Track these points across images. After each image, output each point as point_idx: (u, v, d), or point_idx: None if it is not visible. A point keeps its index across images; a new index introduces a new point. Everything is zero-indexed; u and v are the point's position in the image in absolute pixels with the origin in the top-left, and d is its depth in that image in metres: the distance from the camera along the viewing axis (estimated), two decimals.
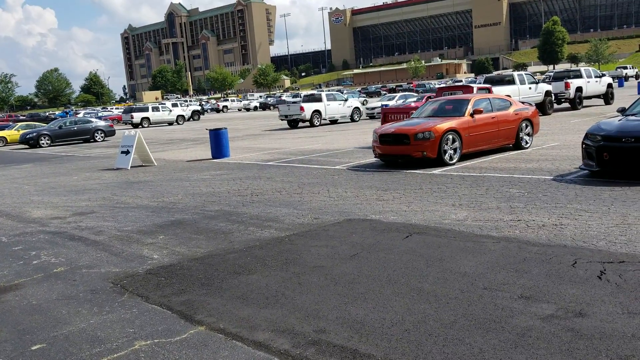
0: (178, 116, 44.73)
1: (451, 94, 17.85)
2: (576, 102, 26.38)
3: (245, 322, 4.35)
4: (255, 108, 70.83)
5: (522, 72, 26.04)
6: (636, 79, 61.69)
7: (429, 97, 24.35)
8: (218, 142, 17.16)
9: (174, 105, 49.69)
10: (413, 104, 21.40)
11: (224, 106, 73.70)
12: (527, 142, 13.75)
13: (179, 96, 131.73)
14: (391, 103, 32.97)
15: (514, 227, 6.65)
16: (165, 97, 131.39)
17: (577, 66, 73.00)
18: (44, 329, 4.53)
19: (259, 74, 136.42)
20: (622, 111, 10.76)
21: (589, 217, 6.85)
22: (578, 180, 9.28)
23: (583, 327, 3.85)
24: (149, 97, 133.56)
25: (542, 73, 66.98)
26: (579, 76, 27.26)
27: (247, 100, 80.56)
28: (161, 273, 5.81)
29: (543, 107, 23.98)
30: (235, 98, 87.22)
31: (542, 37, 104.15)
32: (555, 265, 5.15)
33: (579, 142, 10.14)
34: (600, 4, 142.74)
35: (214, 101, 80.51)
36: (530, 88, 23.89)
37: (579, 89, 26.47)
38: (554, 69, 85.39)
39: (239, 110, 73.25)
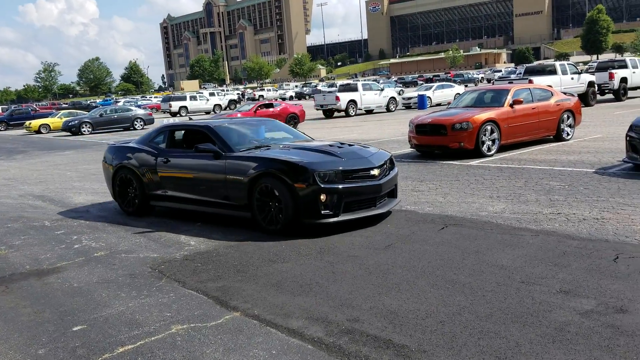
0: (215, 105, 45.16)
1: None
2: (620, 93, 25.57)
3: (279, 309, 4.39)
4: (291, 97, 70.98)
5: (564, 62, 25.33)
6: None
7: (260, 107, 25.19)
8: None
9: (211, 94, 50.13)
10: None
11: (260, 96, 74.10)
12: (568, 134, 13.41)
13: (215, 85, 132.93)
14: (428, 93, 32.61)
15: (554, 220, 6.50)
16: (202, 86, 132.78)
17: (622, 56, 70.67)
18: (84, 310, 4.66)
19: (295, 63, 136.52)
20: None
21: (632, 211, 6.64)
22: (621, 173, 9.00)
23: (624, 323, 3.75)
24: (187, 86, 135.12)
25: (585, 63, 65.12)
26: (624, 66, 26.38)
27: (283, 89, 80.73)
28: (197, 259, 5.90)
29: (586, 98, 23.32)
30: (271, 87, 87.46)
31: (585, 26, 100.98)
32: (596, 260, 5.02)
33: (623, 134, 9.83)
34: None
35: (250, 91, 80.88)
36: (572, 78, 23.25)
37: (623, 80, 25.63)
38: (597, 58, 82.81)
39: (275, 99, 73.56)
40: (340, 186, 6.38)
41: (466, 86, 48.22)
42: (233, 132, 7.73)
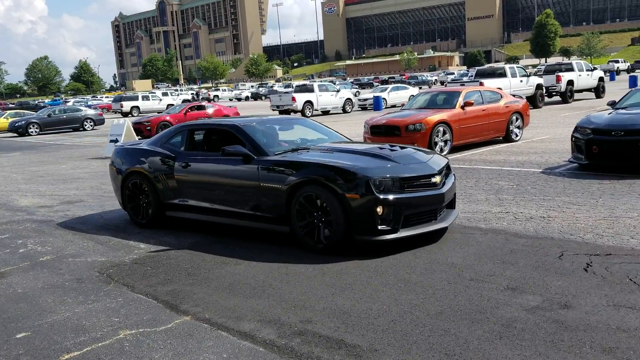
0: (168, 105, 44.43)
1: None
2: (567, 95, 26.45)
3: (231, 312, 4.34)
4: (247, 98, 70.55)
5: (514, 65, 26.03)
6: (628, 72, 61.96)
7: (191, 108, 24.51)
8: None
9: (164, 94, 49.29)
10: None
11: (214, 96, 73.34)
12: (517, 135, 13.78)
13: (169, 85, 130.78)
14: (383, 94, 32.97)
15: (502, 219, 6.66)
16: (155, 86, 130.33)
17: (569, 59, 73.20)
18: (29, 317, 4.49)
19: (250, 63, 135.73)
20: (613, 104, 10.80)
21: (576, 209, 6.87)
22: (567, 173, 9.31)
23: (568, 318, 3.87)
24: (140, 85, 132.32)
25: (534, 66, 67.13)
26: (571, 69, 27.30)
27: (239, 90, 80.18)
28: (147, 263, 5.78)
29: (534, 100, 24.03)
30: (226, 88, 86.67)
31: (534, 30, 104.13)
32: (542, 257, 5.17)
33: (569, 135, 10.17)
34: None
35: (204, 91, 79.88)
36: (521, 81, 23.91)
37: (570, 83, 26.53)
38: (545, 62, 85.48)
39: (230, 100, 72.88)
40: (399, 196, 5.48)
41: (420, 88, 49.03)
42: (265, 133, 6.77)
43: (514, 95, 15.24)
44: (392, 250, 5.57)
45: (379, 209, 5.39)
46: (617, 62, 70.45)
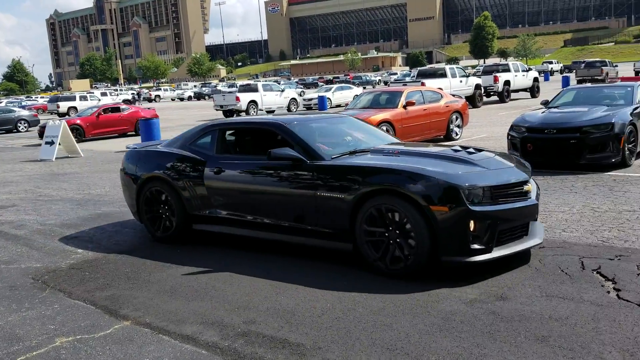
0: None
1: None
2: (504, 95, 27.39)
3: (172, 316, 4.26)
4: (190, 98, 69.35)
5: (454, 66, 26.74)
6: (561, 73, 64.65)
7: (105, 110, 22.22)
8: (149, 132, 16.64)
9: (103, 94, 47.85)
10: None
11: (156, 96, 71.80)
12: (457, 134, 14.15)
13: (108, 85, 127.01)
14: (328, 94, 33.15)
15: None
16: (94, 85, 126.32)
17: (505, 61, 75.74)
18: None
19: (193, 63, 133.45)
20: (546, 104, 11.26)
21: None
22: None
23: (504, 310, 4.01)
24: (77, 85, 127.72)
25: (473, 67, 69.05)
26: (507, 70, 28.30)
27: (181, 89, 78.68)
28: (85, 268, 5.60)
29: (473, 100, 24.76)
30: (168, 87, 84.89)
31: (473, 32, 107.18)
32: None
33: (506, 133, 10.52)
34: (529, 1, 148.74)
35: (145, 90, 78.01)
36: (461, 81, 24.60)
37: (507, 83, 27.49)
38: (484, 63, 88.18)
39: (173, 100, 71.52)
40: (493, 208, 4.64)
41: (364, 88, 49.58)
42: (316, 133, 5.84)
43: (453, 95, 15.66)
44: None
45: (472, 224, 4.53)
46: (551, 63, 73.41)
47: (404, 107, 12.74)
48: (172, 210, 6.18)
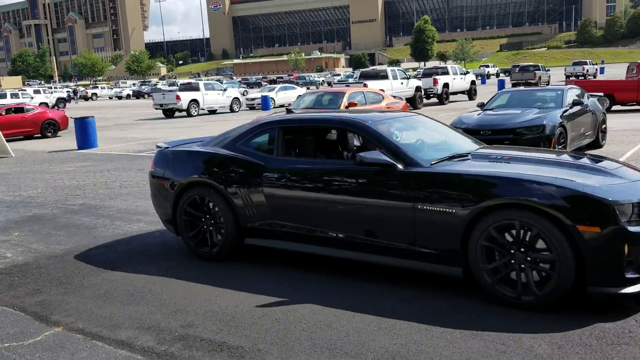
0: (41, 103, 41.45)
1: None
2: (443, 97, 28.13)
3: (107, 321, 4.12)
4: (128, 96, 67.52)
5: (395, 68, 27.22)
6: (497, 76, 67.07)
7: (7, 111, 20.72)
8: (84, 131, 16.15)
9: (36, 92, 45.91)
10: None
11: (93, 94, 69.54)
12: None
13: (42, 82, 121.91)
14: (271, 94, 33.05)
15: None
16: (26, 82, 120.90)
17: (445, 64, 77.74)
18: None
19: (132, 60, 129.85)
20: (481, 106, 11.63)
21: None
22: None
23: (439, 305, 4.10)
24: (8, 82, 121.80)
25: (414, 69, 70.55)
26: (446, 73, 29.08)
27: (119, 87, 76.55)
28: (14, 272, 5.35)
29: (414, 102, 25.29)
30: (106, 85, 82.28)
31: (414, 35, 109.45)
32: None
33: None
34: (467, 6, 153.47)
35: (82, 88, 75.36)
36: (402, 83, 25.07)
37: (446, 85, 28.23)
38: (424, 65, 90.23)
39: (110, 98, 69.48)
40: None
41: (308, 88, 49.71)
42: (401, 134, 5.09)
43: (394, 97, 15.95)
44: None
45: (626, 248, 3.75)
46: (487, 66, 76.03)
47: (346, 107, 12.86)
48: (221, 222, 5.27)
